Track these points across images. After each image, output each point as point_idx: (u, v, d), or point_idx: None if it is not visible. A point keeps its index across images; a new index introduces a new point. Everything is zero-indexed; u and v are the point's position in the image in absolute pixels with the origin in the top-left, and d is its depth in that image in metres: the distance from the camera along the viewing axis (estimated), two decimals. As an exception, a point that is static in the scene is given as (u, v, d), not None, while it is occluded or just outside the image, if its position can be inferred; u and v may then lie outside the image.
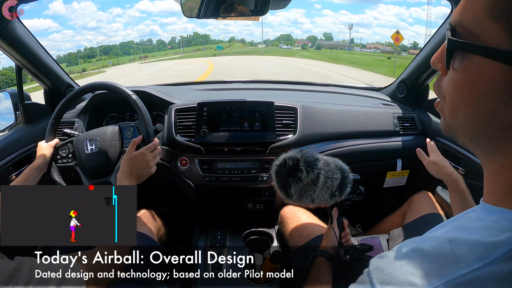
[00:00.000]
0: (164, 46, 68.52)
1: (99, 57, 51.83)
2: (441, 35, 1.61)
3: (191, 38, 74.68)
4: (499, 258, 0.40)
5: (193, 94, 1.93)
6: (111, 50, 58.41)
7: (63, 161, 1.41)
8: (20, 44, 1.54)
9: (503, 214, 0.44)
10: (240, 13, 1.44)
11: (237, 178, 1.60)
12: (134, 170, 1.24)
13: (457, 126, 0.48)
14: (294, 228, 1.43)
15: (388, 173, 1.80)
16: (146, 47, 64.86)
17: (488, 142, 0.45)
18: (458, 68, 0.45)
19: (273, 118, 1.60)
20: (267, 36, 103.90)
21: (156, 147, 1.31)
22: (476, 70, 0.43)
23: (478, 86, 0.43)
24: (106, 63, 49.49)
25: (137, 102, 1.38)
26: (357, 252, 1.16)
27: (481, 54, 0.42)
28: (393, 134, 1.76)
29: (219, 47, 62.62)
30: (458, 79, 0.45)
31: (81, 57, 54.16)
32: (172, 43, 71.93)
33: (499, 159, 0.45)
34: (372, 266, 0.48)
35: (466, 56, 0.44)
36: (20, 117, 1.74)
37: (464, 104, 0.45)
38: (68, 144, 1.43)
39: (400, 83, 1.95)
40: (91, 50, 58.42)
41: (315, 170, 1.08)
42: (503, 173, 0.46)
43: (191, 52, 62.54)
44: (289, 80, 2.43)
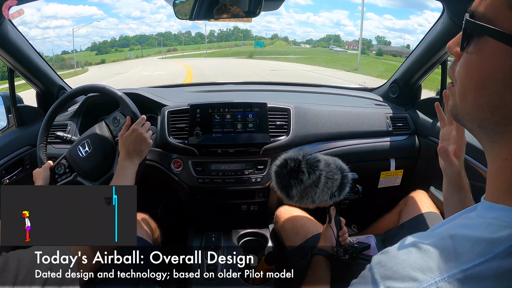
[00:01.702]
0: (202, 39, 64.87)
1: (124, 48, 50.87)
2: (433, 35, 1.62)
3: (231, 32, 69.99)
4: (500, 254, 0.41)
5: (186, 96, 1.93)
6: (146, 40, 57.82)
7: (62, 178, 1.39)
8: (11, 47, 1.53)
9: (504, 211, 0.45)
10: (233, 15, 1.44)
11: (230, 179, 1.59)
12: (131, 148, 1.26)
13: (464, 112, 0.49)
14: (291, 228, 1.43)
15: (382, 173, 1.81)
16: (183, 40, 63.04)
17: (495, 130, 0.46)
18: (471, 51, 0.47)
19: (266, 119, 1.60)
20: (309, 36, 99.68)
21: (145, 121, 1.32)
22: (488, 54, 0.44)
23: (488, 70, 0.44)
24: (126, 54, 48.95)
25: (112, 91, 1.41)
26: (355, 251, 1.16)
27: (494, 37, 0.44)
28: (386, 134, 1.77)
29: (259, 43, 49.63)
30: (471, 61, 0.47)
31: (116, 46, 53.72)
32: (211, 36, 68.56)
33: (503, 151, 0.47)
34: (374, 261, 0.49)
35: (480, 40, 0.45)
36: (12, 120, 1.73)
37: (473, 87, 0.47)
38: (62, 161, 1.41)
39: (393, 83, 1.96)
40: (126, 39, 58.20)
41: (317, 172, 1.07)
42: (506, 166, 0.46)
43: (226, 48, 58.35)
44: (282, 81, 2.44)
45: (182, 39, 62.41)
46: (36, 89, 1.84)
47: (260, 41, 53.32)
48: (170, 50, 54.00)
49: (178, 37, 62.92)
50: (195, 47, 59.22)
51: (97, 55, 50.06)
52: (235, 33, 69.52)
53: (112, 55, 49.19)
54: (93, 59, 45.92)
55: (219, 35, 69.00)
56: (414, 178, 1.85)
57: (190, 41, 64.09)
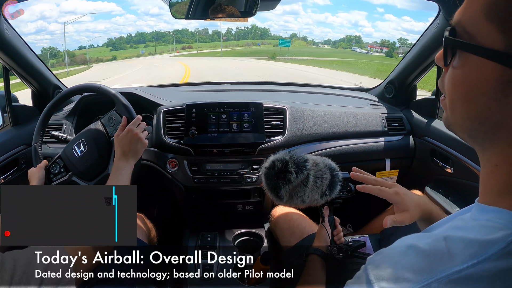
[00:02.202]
0: (219, 37, 62.74)
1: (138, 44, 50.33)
2: (428, 36, 1.63)
3: (248, 30, 67.47)
4: (493, 256, 0.42)
5: (182, 95, 1.93)
6: (162, 37, 57.18)
7: (57, 177, 1.38)
8: (7, 45, 1.52)
9: (497, 213, 0.46)
10: (229, 14, 1.44)
11: (226, 179, 1.59)
12: (127, 148, 1.25)
13: (455, 123, 0.50)
14: (286, 228, 1.43)
15: (377, 173, 1.81)
16: (200, 37, 62.00)
17: (484, 139, 0.47)
18: (456, 65, 0.47)
19: (262, 119, 1.60)
20: (327, 36, 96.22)
21: (140, 121, 1.32)
22: (472, 68, 0.45)
23: (473, 84, 0.45)
24: (139, 51, 48.49)
25: (108, 90, 1.40)
26: (349, 249, 1.16)
27: (476, 53, 0.44)
28: (381, 134, 1.78)
29: (285, 41, 40.86)
30: (456, 76, 0.47)
31: (132, 42, 53.49)
32: (228, 34, 66.63)
33: (493, 158, 0.47)
34: (368, 262, 0.49)
35: (463, 55, 0.46)
36: (7, 120, 1.72)
37: (460, 100, 0.47)
38: (57, 160, 1.40)
39: (388, 84, 1.97)
40: (141, 36, 57.56)
41: (304, 171, 1.08)
42: (497, 171, 0.47)
43: (244, 46, 55.91)
44: (277, 81, 2.44)
45: (198, 37, 61.36)
46: (32, 88, 1.83)
47: (285, 39, 46.76)
48: (184, 48, 52.88)
49: (195, 35, 61.92)
50: (211, 45, 57.44)
51: (111, 51, 49.49)
52: (253, 31, 67.56)
53: (125, 52, 48.48)
54: (105, 55, 45.46)
55: (237, 33, 67.03)
56: (410, 178, 1.86)
57: (207, 39, 62.56)
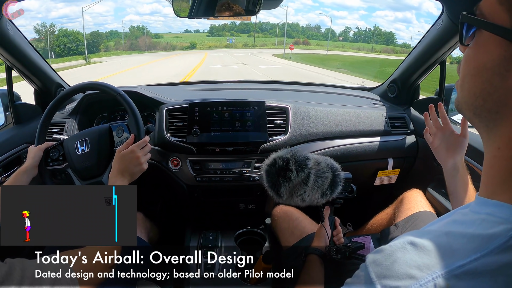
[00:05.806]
0: (334, 36, 58.49)
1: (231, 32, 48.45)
2: (432, 35, 1.62)
3: (370, 32, 61.21)
4: (495, 250, 0.42)
5: (184, 94, 1.93)
6: (270, 29, 56.73)
7: (53, 163, 1.39)
8: (10, 44, 1.52)
9: (498, 207, 0.46)
10: (235, 13, 1.44)
11: (228, 178, 1.59)
12: (125, 168, 1.23)
13: (462, 100, 0.53)
14: (286, 227, 1.43)
15: (379, 172, 1.81)
16: (312, 33, 59.80)
17: (488, 118, 0.49)
18: (471, 45, 0.51)
19: (265, 118, 1.60)
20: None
21: (146, 144, 1.31)
22: (481, 45, 0.49)
23: (481, 59, 0.49)
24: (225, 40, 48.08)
25: (127, 100, 1.37)
26: (348, 251, 1.16)
27: (486, 29, 0.48)
28: (384, 133, 1.77)
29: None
30: (469, 53, 0.51)
31: (234, 30, 54.36)
32: (345, 34, 61.56)
33: (497, 140, 0.49)
34: (369, 260, 0.49)
35: (476, 33, 0.50)
36: (10, 118, 1.72)
37: (469, 76, 0.51)
38: (59, 147, 1.41)
39: (391, 83, 1.96)
40: (247, 25, 58.46)
41: (305, 170, 1.08)
42: (499, 156, 0.48)
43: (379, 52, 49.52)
44: (280, 80, 2.44)
45: (311, 33, 58.94)
46: (34, 87, 1.83)
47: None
48: (298, 43, 49.28)
49: (306, 30, 60.17)
50: (330, 44, 52.65)
51: (208, 37, 48.62)
52: (376, 34, 59.30)
53: (216, 39, 47.53)
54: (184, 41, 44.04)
55: (355, 34, 61.75)
56: (412, 177, 1.86)
57: (320, 36, 59.54)
